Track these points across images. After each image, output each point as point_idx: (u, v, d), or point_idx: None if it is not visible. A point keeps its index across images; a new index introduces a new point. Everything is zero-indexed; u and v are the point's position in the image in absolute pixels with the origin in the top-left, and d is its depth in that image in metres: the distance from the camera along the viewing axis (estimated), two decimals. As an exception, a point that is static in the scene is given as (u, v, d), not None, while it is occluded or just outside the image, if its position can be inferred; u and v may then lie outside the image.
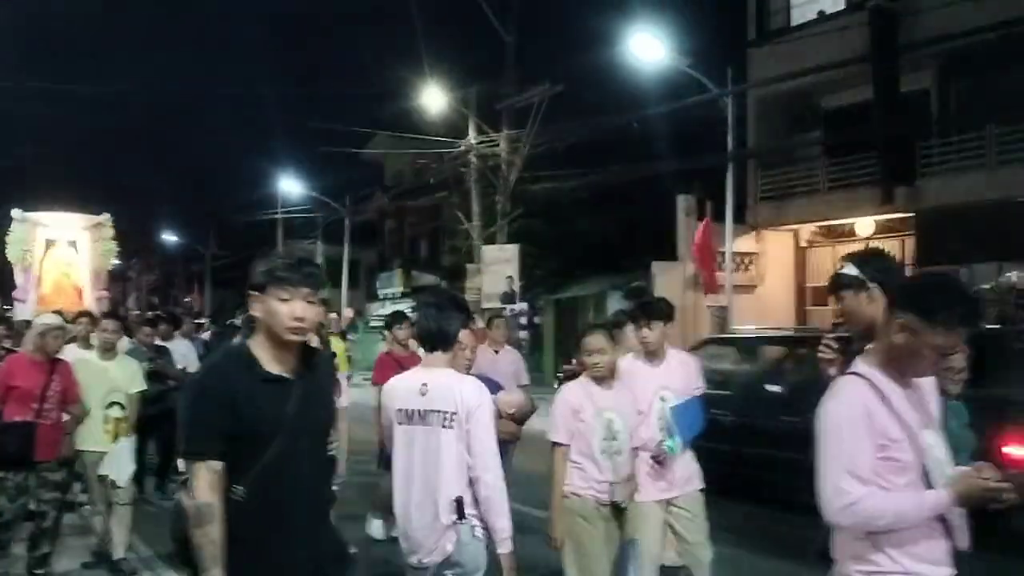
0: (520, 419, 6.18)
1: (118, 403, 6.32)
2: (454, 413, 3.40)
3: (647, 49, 16.49)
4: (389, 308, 22.96)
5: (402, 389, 3.59)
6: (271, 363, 2.64)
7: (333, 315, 15.80)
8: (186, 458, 2.62)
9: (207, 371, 2.76)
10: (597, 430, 4.20)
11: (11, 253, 12.90)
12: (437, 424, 3.42)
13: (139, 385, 6.64)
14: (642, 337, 4.73)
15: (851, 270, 3.10)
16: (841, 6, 18.46)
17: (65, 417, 6.06)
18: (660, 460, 4.58)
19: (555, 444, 4.27)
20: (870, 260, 3.17)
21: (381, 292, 32.80)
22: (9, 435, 5.79)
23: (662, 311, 4.79)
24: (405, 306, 17.01)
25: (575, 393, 4.32)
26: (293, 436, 2.57)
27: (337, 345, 8.09)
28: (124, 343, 8.84)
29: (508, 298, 19.96)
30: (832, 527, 2.50)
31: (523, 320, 20.30)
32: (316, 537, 2.69)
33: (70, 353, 6.64)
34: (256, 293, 2.66)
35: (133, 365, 6.91)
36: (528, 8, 21.76)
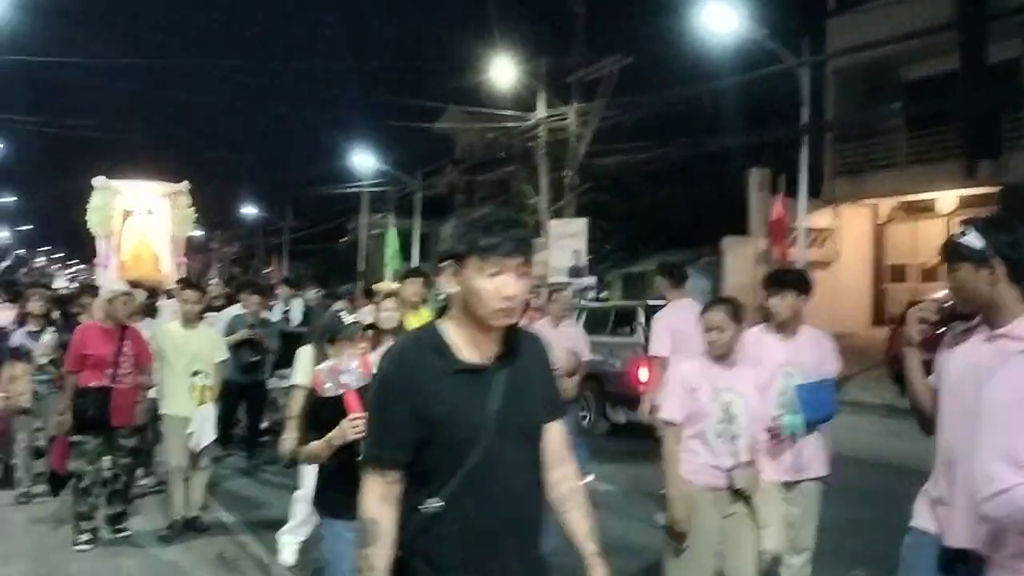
0: (571, 374, 6.42)
1: (202, 371, 6.45)
2: None
3: (720, 19, 16.10)
4: (458, 281, 23.18)
5: None
6: (468, 349, 2.16)
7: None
8: (361, 462, 2.21)
9: (390, 360, 2.22)
10: (713, 412, 3.86)
11: (92, 220, 13.29)
12: None
13: (221, 354, 6.81)
14: (771, 306, 4.37)
15: (973, 240, 2.59)
16: (926, -28, 17.73)
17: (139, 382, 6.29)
18: (776, 435, 4.21)
19: (668, 423, 3.95)
20: (998, 229, 2.62)
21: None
22: (87, 400, 6.01)
23: (794, 280, 4.44)
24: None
25: (691, 371, 3.98)
26: (497, 440, 2.11)
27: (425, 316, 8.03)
28: (230, 311, 9.12)
29: (576, 272, 19.88)
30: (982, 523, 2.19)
31: (591, 294, 20.22)
32: (525, 566, 2.21)
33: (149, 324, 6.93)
34: (448, 263, 2.15)
35: (215, 335, 7.10)
36: (600, -22, 21.50)
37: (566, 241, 20.20)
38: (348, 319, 4.08)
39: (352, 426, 3.55)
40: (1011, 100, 16.44)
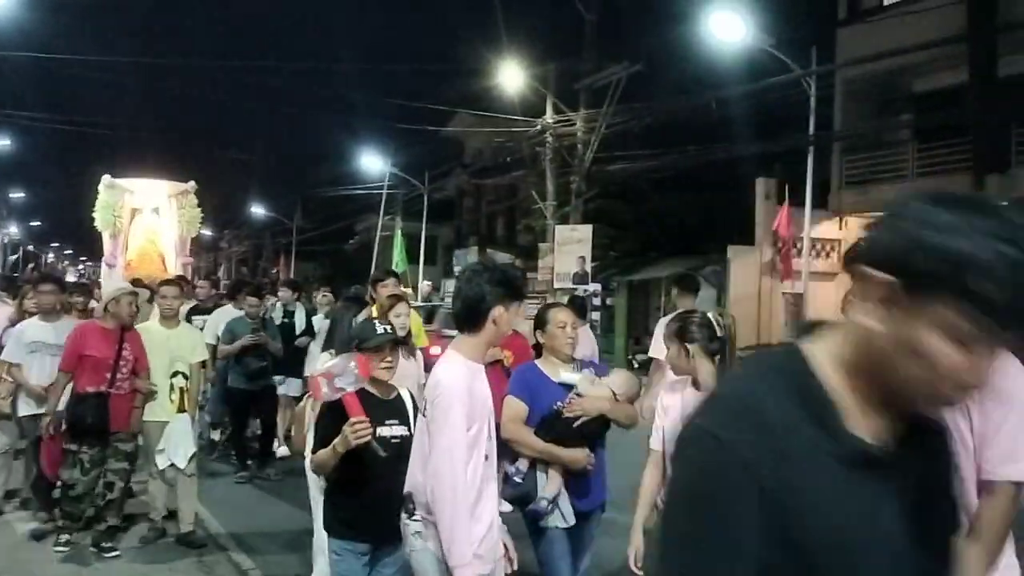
0: (631, 399, 6.32)
1: (182, 372, 6.26)
2: (427, 400, 3.08)
3: (729, 28, 16.02)
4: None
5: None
6: (862, 418, 1.23)
7: (409, 290, 15.72)
8: None
9: (732, 414, 1.22)
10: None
11: (99, 219, 13.24)
12: (422, 411, 3.16)
13: (201, 354, 6.61)
14: None
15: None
16: (938, -17, 17.58)
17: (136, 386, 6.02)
18: None
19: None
20: None
21: (457, 269, 32.95)
22: (86, 406, 5.72)
23: None
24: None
25: (668, 388, 3.81)
26: None
27: (414, 320, 7.55)
28: (230, 312, 8.86)
29: (580, 278, 19.83)
30: None
31: (596, 301, 20.14)
32: None
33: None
34: (886, 280, 1.18)
35: (195, 334, 6.93)
36: (610, -15, 21.43)
37: (572, 247, 20.14)
38: (380, 328, 3.82)
39: (354, 431, 3.36)
40: (1021, 114, 16.26)
